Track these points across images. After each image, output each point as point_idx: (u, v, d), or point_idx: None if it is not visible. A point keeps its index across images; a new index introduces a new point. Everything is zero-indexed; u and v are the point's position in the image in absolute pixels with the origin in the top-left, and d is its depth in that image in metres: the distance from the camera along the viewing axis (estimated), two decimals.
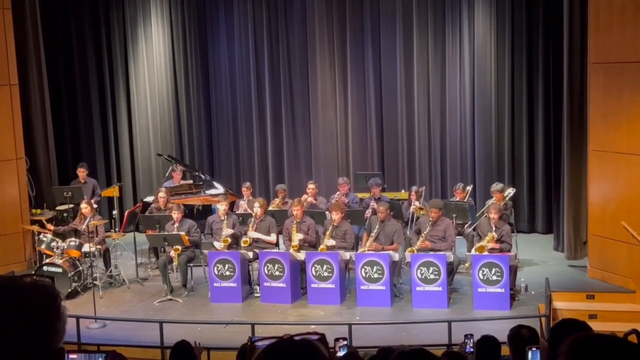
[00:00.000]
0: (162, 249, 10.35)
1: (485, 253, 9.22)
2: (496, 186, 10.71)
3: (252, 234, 10.09)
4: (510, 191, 11.03)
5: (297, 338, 1.64)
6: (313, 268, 9.47)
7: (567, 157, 10.49)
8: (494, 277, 9.00)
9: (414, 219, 10.69)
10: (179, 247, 9.86)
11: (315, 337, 1.69)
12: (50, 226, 10.79)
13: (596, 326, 4.46)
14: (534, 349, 4.19)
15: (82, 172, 12.22)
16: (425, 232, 9.62)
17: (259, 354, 1.60)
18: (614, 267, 9.74)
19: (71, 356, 4.80)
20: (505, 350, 4.91)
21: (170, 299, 9.84)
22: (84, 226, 10.30)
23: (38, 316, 1.44)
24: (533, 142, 12.40)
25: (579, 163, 10.32)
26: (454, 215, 10.37)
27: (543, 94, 12.10)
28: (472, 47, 12.63)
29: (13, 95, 11.31)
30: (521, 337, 4.66)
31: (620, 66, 9.52)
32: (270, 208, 10.84)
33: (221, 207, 10.27)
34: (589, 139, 10.05)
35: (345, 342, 4.85)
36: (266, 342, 1.65)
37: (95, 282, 9.97)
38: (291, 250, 9.75)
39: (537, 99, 12.23)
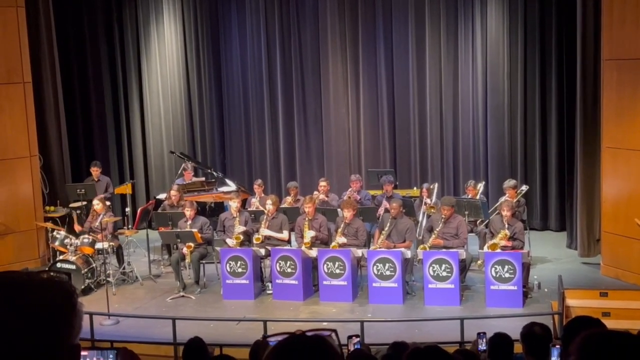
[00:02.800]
0: (175, 246, 10.39)
1: (498, 250, 9.19)
2: (509, 183, 10.67)
3: (265, 231, 10.10)
4: (523, 188, 10.99)
5: (309, 334, 1.64)
6: (325, 265, 9.47)
7: (580, 154, 10.44)
8: (507, 275, 8.97)
9: (425, 216, 10.66)
10: (192, 244, 9.89)
11: (327, 333, 1.69)
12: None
13: (609, 324, 4.44)
14: (557, 346, 4.18)
15: (95, 171, 12.28)
16: (437, 230, 9.60)
17: (271, 350, 1.61)
18: (628, 265, 9.69)
19: (82, 353, 4.82)
20: (518, 348, 4.89)
21: (182, 296, 9.88)
22: (97, 223, 10.35)
23: (55, 312, 1.45)
24: (546, 139, 12.35)
25: (592, 160, 10.28)
26: (467, 212, 10.34)
27: (556, 91, 12.04)
28: (484, 43, 12.59)
29: (27, 93, 11.37)
30: (534, 334, 4.64)
31: (634, 62, 9.46)
32: (282, 205, 10.85)
33: (233, 204, 10.29)
34: (602, 136, 10.01)
35: (358, 339, 4.85)
36: (278, 338, 1.65)
37: (108, 278, 10.02)
38: (303, 248, 9.76)
39: (550, 96, 12.17)
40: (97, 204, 10.53)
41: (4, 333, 1.41)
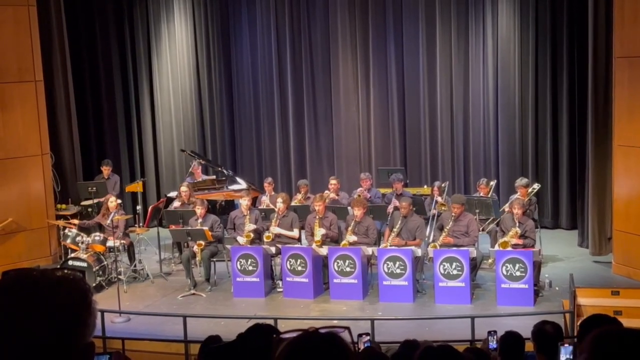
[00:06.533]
0: (186, 244, 10.42)
1: (509, 249, 9.17)
2: (521, 181, 10.63)
3: (275, 229, 10.11)
4: (535, 186, 10.96)
5: (322, 331, 1.64)
6: (335, 263, 9.48)
7: (592, 152, 10.40)
8: (518, 273, 8.95)
9: (436, 215, 10.63)
10: (202, 242, 9.91)
11: (341, 330, 1.69)
12: (74, 221, 10.90)
13: (621, 323, 4.44)
14: (566, 345, 4.17)
15: (106, 170, 12.34)
16: (447, 228, 9.58)
17: (284, 346, 1.61)
18: (639, 263, 9.65)
19: None
20: (529, 347, 4.88)
21: (193, 294, 9.91)
22: (108, 221, 10.39)
23: (70, 310, 1.45)
24: (557, 137, 12.30)
25: (603, 158, 10.23)
26: (477, 210, 10.31)
27: (567, 89, 11.99)
28: (495, 41, 12.55)
29: (38, 92, 11.42)
30: (545, 333, 4.64)
31: None
32: (292, 203, 10.86)
33: (244, 202, 10.31)
34: (614, 134, 9.96)
35: (368, 338, 4.84)
36: (291, 335, 1.65)
37: (119, 276, 10.05)
38: (313, 246, 9.77)
39: (562, 94, 12.12)
40: (112, 202, 10.57)
41: (19, 331, 1.42)
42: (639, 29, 9.41)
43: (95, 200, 11.74)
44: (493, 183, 11.37)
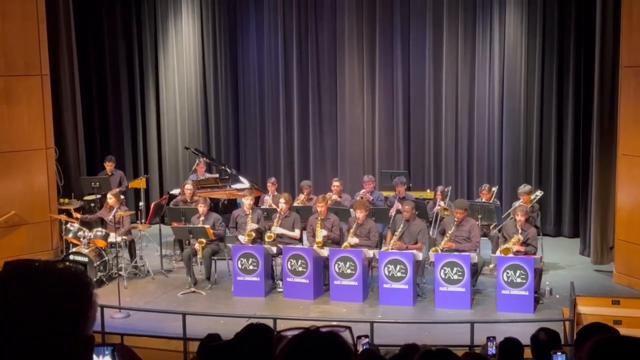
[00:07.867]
0: (187, 242, 10.42)
1: (511, 255, 9.16)
2: (524, 188, 10.63)
3: (277, 229, 10.11)
4: (537, 193, 10.95)
5: (323, 329, 1.64)
6: (336, 265, 9.47)
7: (596, 160, 10.39)
8: (519, 280, 8.94)
9: (439, 219, 10.63)
10: (204, 240, 9.92)
11: (343, 329, 1.69)
12: (77, 214, 10.92)
13: (621, 332, 4.43)
14: (559, 353, 4.16)
15: (109, 166, 12.36)
16: (449, 233, 9.58)
17: (285, 344, 1.61)
18: None
19: None
20: (528, 353, 4.88)
21: (193, 292, 9.91)
22: (110, 217, 10.40)
23: (71, 303, 1.45)
24: (562, 144, 12.29)
25: (607, 167, 10.22)
26: (480, 216, 10.31)
27: (573, 97, 11.98)
28: (502, 47, 12.54)
29: (44, 86, 11.44)
30: (537, 340, 4.64)
31: None
32: (294, 204, 10.86)
33: (246, 201, 10.32)
34: (618, 143, 9.95)
35: (367, 340, 4.84)
36: (292, 333, 1.65)
37: (120, 272, 10.07)
38: (315, 247, 9.77)
39: (567, 102, 12.11)
40: (110, 198, 10.58)
41: (19, 323, 1.42)
42: None
43: (98, 196, 11.75)
44: (495, 189, 11.37)
